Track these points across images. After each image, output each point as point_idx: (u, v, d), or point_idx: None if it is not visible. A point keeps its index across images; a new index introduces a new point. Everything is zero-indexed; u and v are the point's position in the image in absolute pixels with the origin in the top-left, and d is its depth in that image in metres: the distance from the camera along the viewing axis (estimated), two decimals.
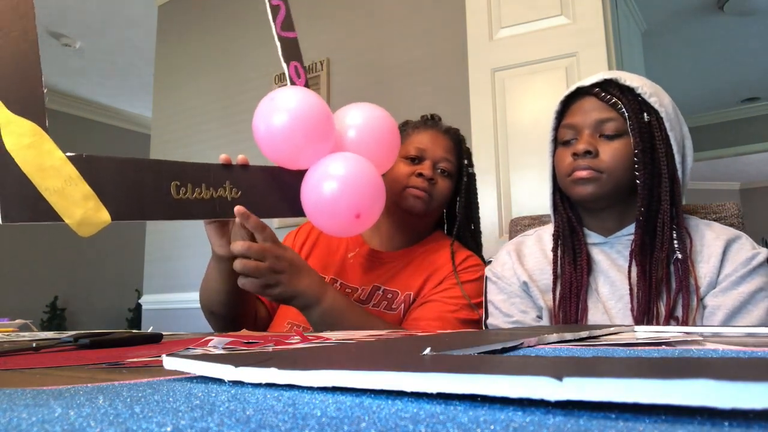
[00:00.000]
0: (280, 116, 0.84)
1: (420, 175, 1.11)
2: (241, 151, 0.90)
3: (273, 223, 2.53)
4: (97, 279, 5.03)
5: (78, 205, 0.69)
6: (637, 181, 0.86)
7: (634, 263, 0.87)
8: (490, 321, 0.97)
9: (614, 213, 0.91)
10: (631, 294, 0.86)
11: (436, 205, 1.14)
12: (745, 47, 4.02)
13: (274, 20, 0.97)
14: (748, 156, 5.55)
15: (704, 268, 0.85)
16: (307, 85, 0.99)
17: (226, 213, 0.84)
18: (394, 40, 2.33)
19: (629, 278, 0.87)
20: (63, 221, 0.69)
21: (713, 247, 0.85)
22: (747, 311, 0.80)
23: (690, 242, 0.86)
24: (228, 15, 2.93)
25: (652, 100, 0.87)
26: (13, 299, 4.42)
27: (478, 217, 1.23)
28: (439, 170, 1.14)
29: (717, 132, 5.39)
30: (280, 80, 2.62)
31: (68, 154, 0.71)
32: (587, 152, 0.87)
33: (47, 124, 0.69)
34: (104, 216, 0.71)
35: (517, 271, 0.97)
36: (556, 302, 0.91)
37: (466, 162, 1.18)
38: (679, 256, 0.85)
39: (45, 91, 0.70)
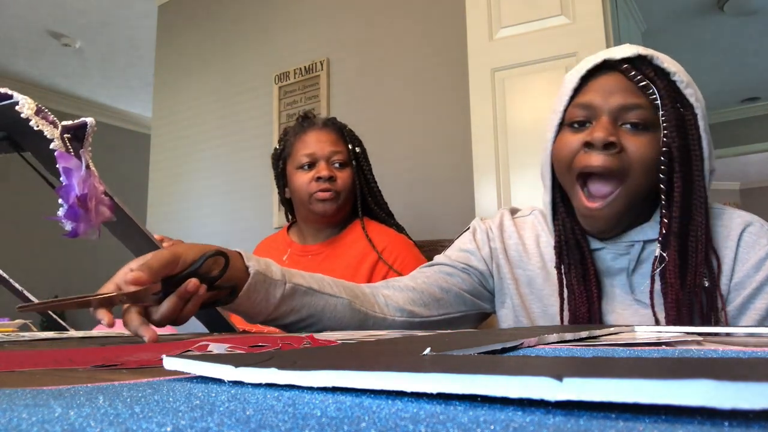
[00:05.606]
0: None
1: (319, 178, 1.18)
2: (241, 151, 0.89)
3: (273, 223, 2.52)
4: (96, 279, 5.02)
5: None
6: (661, 186, 0.70)
7: (657, 290, 0.71)
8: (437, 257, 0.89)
9: (623, 222, 0.74)
10: (657, 322, 0.71)
11: (345, 196, 1.22)
12: (745, 47, 4.02)
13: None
14: (748, 156, 5.55)
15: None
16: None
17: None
18: (393, 40, 2.33)
19: (652, 306, 0.71)
20: None
21: (725, 249, 0.73)
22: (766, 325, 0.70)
23: (718, 266, 0.71)
24: (228, 15, 2.93)
25: (688, 92, 0.70)
26: (13, 299, 4.41)
27: (376, 188, 1.32)
28: (335, 164, 1.22)
29: (717, 132, 5.38)
30: (280, 80, 2.62)
31: None
32: (609, 144, 0.67)
33: None
34: None
35: (492, 245, 0.85)
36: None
37: (350, 146, 1.25)
38: (707, 284, 0.69)
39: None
